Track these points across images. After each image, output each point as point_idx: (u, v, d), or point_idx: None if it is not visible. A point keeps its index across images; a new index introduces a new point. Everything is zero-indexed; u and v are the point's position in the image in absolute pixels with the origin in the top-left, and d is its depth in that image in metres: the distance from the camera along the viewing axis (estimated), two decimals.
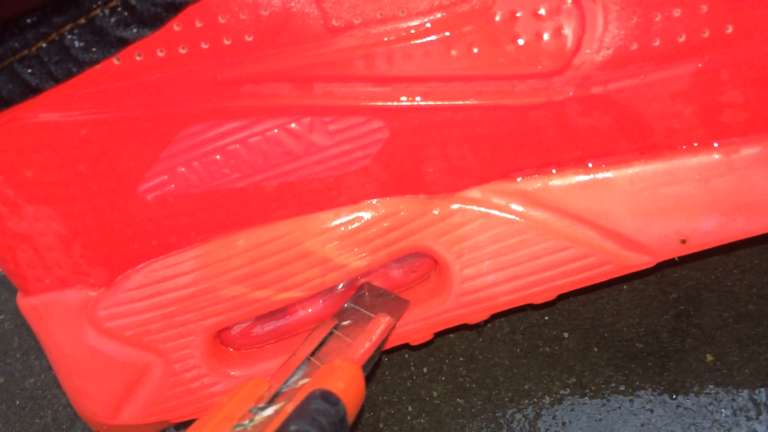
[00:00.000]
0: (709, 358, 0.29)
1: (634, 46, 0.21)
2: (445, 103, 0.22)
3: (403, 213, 0.25)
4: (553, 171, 0.24)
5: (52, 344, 0.27)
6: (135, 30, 0.21)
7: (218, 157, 0.23)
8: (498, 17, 0.22)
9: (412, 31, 0.22)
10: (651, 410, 0.28)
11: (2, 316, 0.39)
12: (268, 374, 0.25)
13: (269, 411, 0.20)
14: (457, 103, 0.22)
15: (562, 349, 0.31)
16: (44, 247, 0.25)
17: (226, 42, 0.22)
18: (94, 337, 0.26)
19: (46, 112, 0.23)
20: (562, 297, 0.32)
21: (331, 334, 0.25)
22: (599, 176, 0.24)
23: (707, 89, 0.22)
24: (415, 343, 0.27)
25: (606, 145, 0.23)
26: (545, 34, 0.22)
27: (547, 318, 0.32)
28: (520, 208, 0.24)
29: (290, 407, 0.19)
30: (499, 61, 0.22)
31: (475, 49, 0.22)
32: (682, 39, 0.21)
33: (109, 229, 0.24)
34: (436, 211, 0.24)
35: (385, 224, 0.25)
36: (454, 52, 0.22)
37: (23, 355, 0.37)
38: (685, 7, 0.21)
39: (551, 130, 0.23)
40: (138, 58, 0.22)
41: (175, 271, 0.25)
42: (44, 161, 0.23)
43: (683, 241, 0.24)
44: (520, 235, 0.24)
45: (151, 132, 0.23)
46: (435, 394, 0.31)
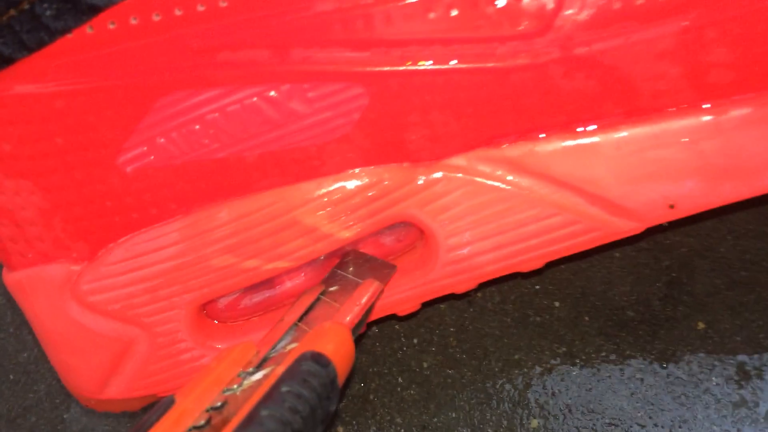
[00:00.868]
0: (701, 325, 0.29)
1: (617, 5, 0.21)
2: (425, 68, 0.22)
3: (387, 182, 0.24)
4: (538, 137, 0.23)
5: (38, 319, 0.27)
6: None
7: (197, 127, 0.23)
8: None
9: None
10: (641, 379, 0.28)
11: None
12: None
13: (258, 375, 0.20)
14: (438, 67, 0.22)
15: (553, 319, 0.30)
16: (25, 222, 0.25)
17: (200, 8, 0.21)
18: (78, 311, 0.26)
19: (21, 84, 0.22)
20: (552, 266, 0.31)
21: (318, 300, 0.25)
22: (585, 141, 0.23)
23: (693, 49, 0.21)
24: (402, 313, 0.27)
25: (591, 108, 0.22)
26: None
27: (538, 287, 0.31)
28: (506, 175, 0.24)
29: (280, 370, 0.19)
30: (478, 23, 0.21)
31: (454, 12, 0.21)
32: None
33: (89, 202, 0.24)
34: (421, 180, 0.24)
35: (369, 193, 0.24)
36: (433, 15, 0.21)
37: (16, 330, 0.37)
38: None
39: (535, 94, 0.22)
40: (111, 27, 0.21)
41: (157, 244, 0.25)
42: (21, 134, 0.23)
43: (671, 206, 0.23)
44: (506, 203, 0.24)
45: (127, 102, 0.22)
46: (425, 365, 0.31)
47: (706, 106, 0.22)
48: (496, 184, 0.24)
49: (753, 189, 0.23)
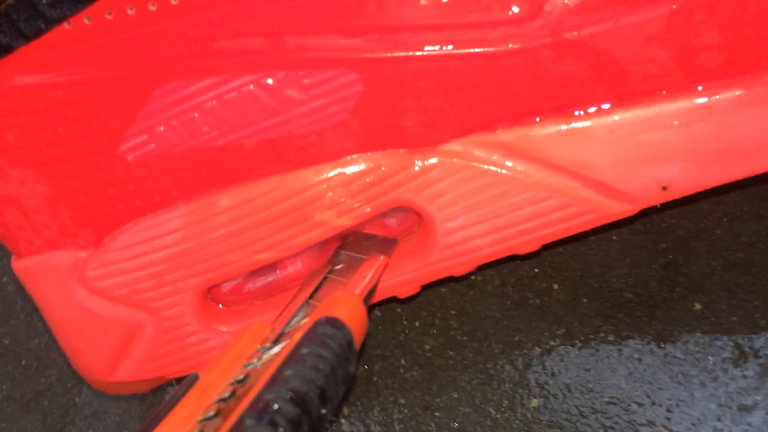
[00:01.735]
0: (698, 306, 0.29)
1: None
2: (418, 54, 0.22)
3: (384, 168, 0.25)
4: (533, 121, 0.24)
5: (47, 305, 0.27)
6: None
7: (196, 115, 0.23)
8: None
9: None
10: (639, 359, 0.28)
11: (5, 279, 0.40)
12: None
13: (276, 349, 0.20)
14: (430, 53, 0.22)
15: (552, 301, 0.31)
16: (31, 210, 0.25)
17: None
18: (86, 297, 0.26)
19: (22, 75, 0.23)
20: (550, 248, 0.32)
21: (326, 278, 0.26)
22: (579, 125, 0.23)
23: (682, 31, 0.21)
24: (402, 295, 0.27)
25: (584, 92, 0.23)
26: None
27: (537, 270, 0.32)
28: (501, 159, 0.24)
29: (298, 336, 0.20)
30: (469, 8, 0.21)
31: None
32: None
33: (93, 190, 0.25)
34: (417, 165, 0.24)
35: (367, 179, 0.25)
36: (424, 1, 0.21)
37: (27, 317, 0.38)
38: None
39: (527, 79, 0.22)
40: (108, 17, 0.22)
41: (160, 231, 0.25)
42: (24, 125, 0.23)
43: (664, 188, 0.24)
44: (502, 187, 0.24)
45: (126, 91, 0.23)
46: (427, 347, 0.31)
47: (697, 89, 0.22)
48: (492, 169, 0.24)
49: (744, 170, 0.23)
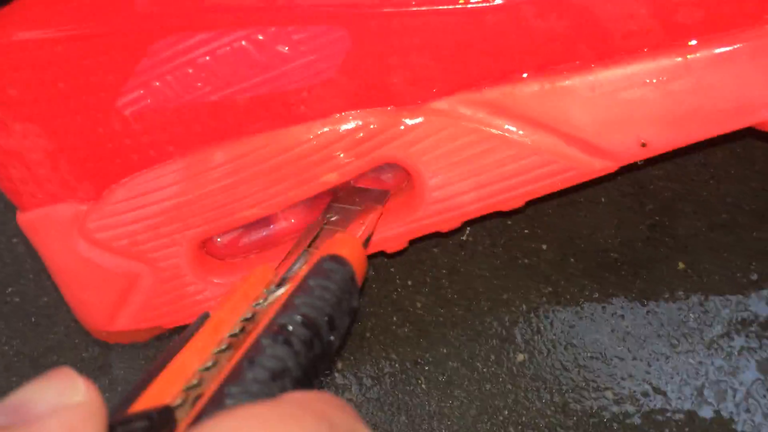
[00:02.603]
0: (681, 266, 0.30)
1: None
2: (403, 9, 0.23)
3: (373, 125, 0.25)
4: (517, 79, 0.24)
5: (50, 257, 0.29)
6: None
7: (190, 70, 0.24)
8: None
9: None
10: (622, 316, 0.29)
11: (16, 239, 0.41)
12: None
13: (280, 291, 0.22)
14: (416, 8, 0.23)
15: (540, 261, 0.32)
16: (34, 164, 0.26)
17: None
18: (86, 248, 0.27)
19: (24, 31, 0.24)
20: (540, 209, 0.32)
21: (323, 228, 0.26)
22: (561, 84, 0.24)
23: None
24: (390, 250, 0.28)
25: (566, 50, 0.23)
26: None
27: (526, 231, 0.32)
28: (486, 117, 0.25)
29: (304, 271, 0.21)
30: None
31: None
32: None
33: (92, 144, 0.26)
34: (405, 123, 0.25)
35: (356, 136, 0.25)
36: None
37: (36, 276, 0.39)
38: None
39: (510, 35, 0.23)
40: None
41: (157, 185, 0.26)
42: (26, 79, 0.24)
43: (643, 145, 0.24)
44: (486, 144, 0.25)
45: (123, 47, 0.24)
46: (418, 305, 0.32)
47: (676, 47, 0.23)
48: (477, 126, 0.25)
49: (721, 127, 0.23)
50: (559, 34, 0.23)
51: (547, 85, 0.24)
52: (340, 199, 0.27)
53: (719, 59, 0.23)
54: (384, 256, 0.32)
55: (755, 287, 0.29)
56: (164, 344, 0.34)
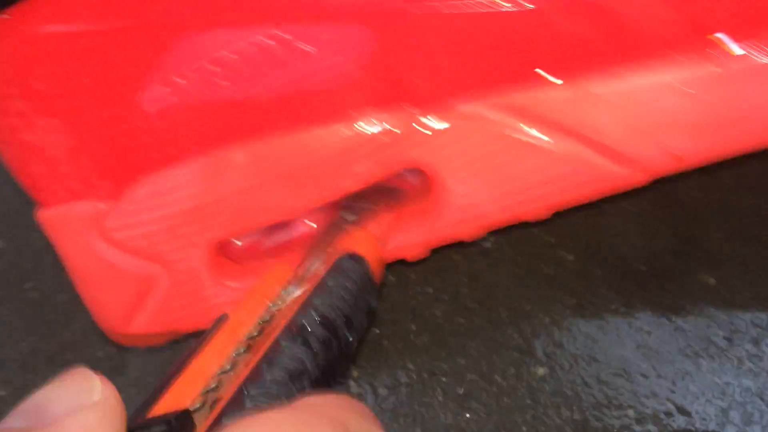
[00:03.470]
0: (711, 281, 0.29)
1: None
2: (430, 12, 0.22)
3: (397, 130, 0.25)
4: (545, 85, 0.24)
5: (68, 254, 0.28)
6: None
7: (214, 67, 0.24)
8: None
9: None
10: (648, 332, 0.28)
11: (35, 234, 0.41)
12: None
13: (298, 292, 0.22)
14: (443, 10, 0.22)
15: (565, 271, 0.31)
16: (55, 160, 0.26)
17: None
18: (104, 247, 0.27)
19: (48, 24, 0.23)
20: (563, 217, 0.31)
21: (341, 228, 0.26)
22: (591, 90, 0.23)
23: None
24: (411, 258, 0.28)
25: (596, 56, 0.23)
26: None
27: (552, 240, 0.32)
28: (513, 122, 0.24)
29: (322, 270, 0.21)
30: None
31: None
32: None
33: (113, 141, 0.25)
34: (430, 128, 0.25)
35: (381, 141, 0.25)
36: None
37: (54, 272, 0.39)
38: None
39: (539, 39, 0.22)
40: None
41: (176, 184, 0.26)
42: (50, 73, 0.24)
43: (677, 158, 0.23)
44: (514, 151, 0.24)
45: (145, 42, 0.23)
46: (438, 313, 0.32)
47: (710, 56, 0.22)
48: (505, 133, 0.24)
49: (759, 142, 0.23)
50: (589, 39, 0.22)
51: (578, 92, 0.23)
52: (358, 198, 0.27)
53: (758, 70, 0.22)
54: (404, 264, 0.31)
55: None
56: (180, 346, 0.34)
